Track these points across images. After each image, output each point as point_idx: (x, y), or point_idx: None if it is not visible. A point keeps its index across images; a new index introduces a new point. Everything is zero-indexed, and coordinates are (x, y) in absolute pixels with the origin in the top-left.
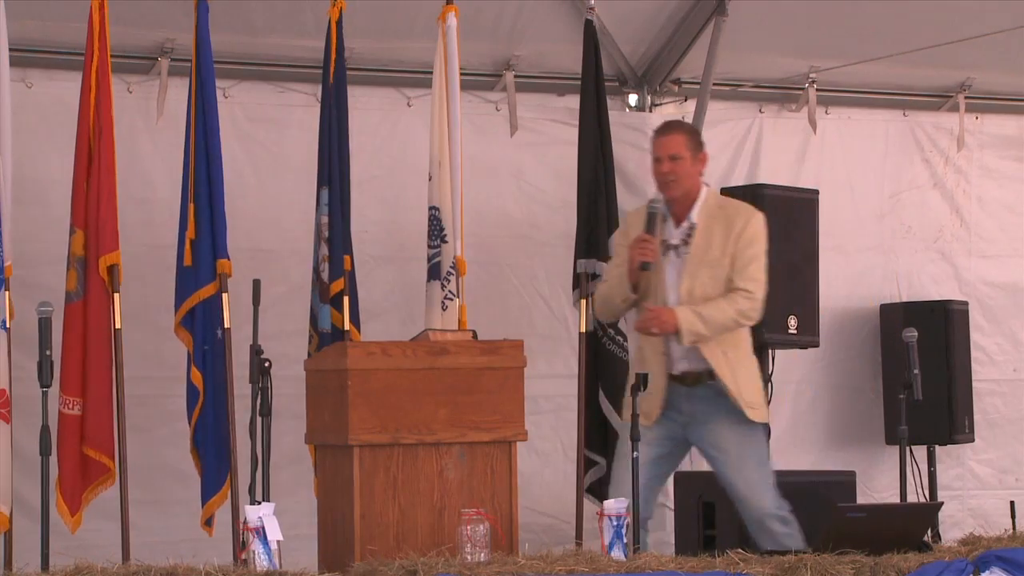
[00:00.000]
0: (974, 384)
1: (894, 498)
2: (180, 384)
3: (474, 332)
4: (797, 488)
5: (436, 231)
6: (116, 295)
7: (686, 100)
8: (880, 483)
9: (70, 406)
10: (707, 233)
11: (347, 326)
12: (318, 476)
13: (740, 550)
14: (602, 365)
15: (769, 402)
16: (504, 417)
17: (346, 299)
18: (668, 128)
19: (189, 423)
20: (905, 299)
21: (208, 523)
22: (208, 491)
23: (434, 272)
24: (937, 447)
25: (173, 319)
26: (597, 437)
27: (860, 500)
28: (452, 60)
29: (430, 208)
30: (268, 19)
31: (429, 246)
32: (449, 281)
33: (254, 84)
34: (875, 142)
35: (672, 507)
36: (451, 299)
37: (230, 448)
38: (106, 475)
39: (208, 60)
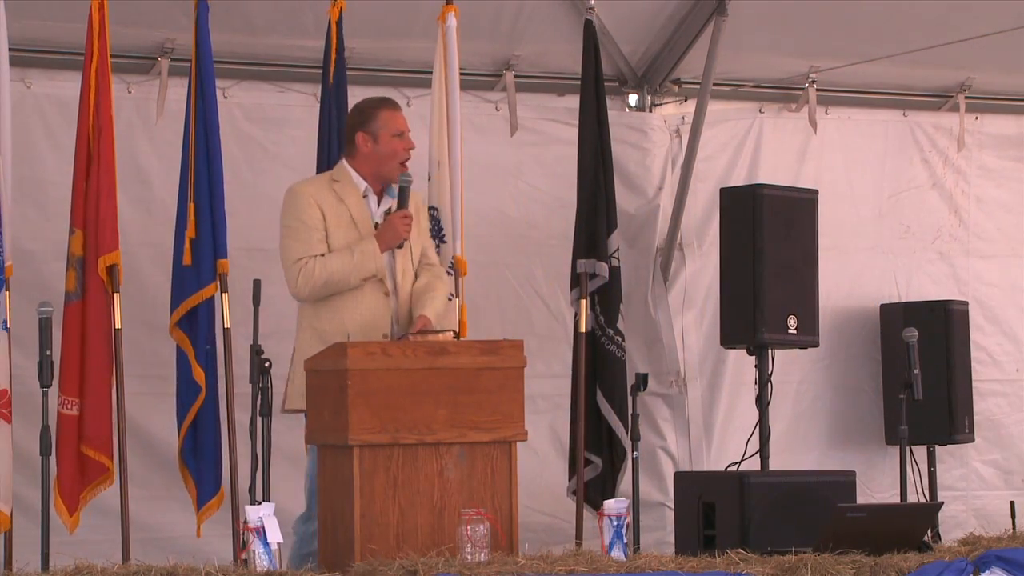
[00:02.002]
0: (977, 385)
1: (894, 498)
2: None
3: (455, 333)
4: (797, 488)
5: (435, 231)
6: (116, 295)
7: (686, 100)
8: (880, 483)
9: (68, 406)
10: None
11: None
12: (318, 476)
13: (740, 550)
14: (601, 365)
15: (769, 402)
16: (504, 417)
17: None
18: (397, 104)
19: (179, 430)
20: (905, 299)
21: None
22: (204, 496)
23: None
24: (941, 447)
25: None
26: (594, 437)
27: (860, 500)
28: (452, 60)
29: (429, 208)
30: (268, 19)
31: None
32: None
33: (254, 84)
34: (875, 142)
35: (672, 507)
36: (451, 299)
37: (230, 449)
38: (105, 475)
39: (208, 60)
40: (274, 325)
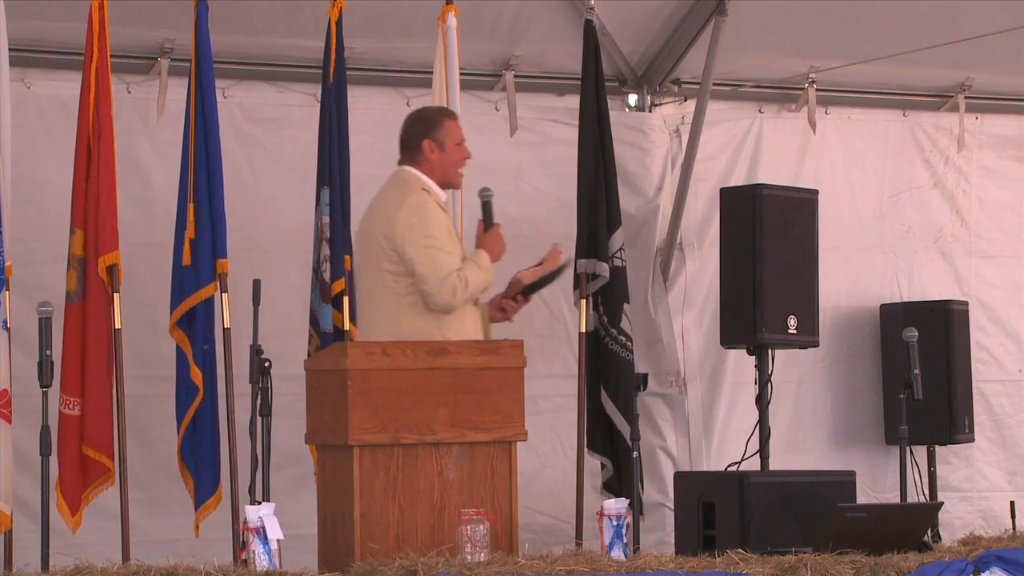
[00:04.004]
0: (980, 385)
1: (895, 498)
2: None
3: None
4: (797, 488)
5: None
6: (116, 295)
7: (686, 100)
8: (881, 483)
9: (70, 406)
10: None
11: (347, 326)
12: (318, 476)
13: (740, 550)
14: (605, 365)
15: (769, 402)
16: (504, 417)
17: (346, 299)
18: (456, 113)
19: (179, 428)
20: (905, 299)
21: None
22: (202, 496)
23: None
24: (946, 448)
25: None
26: (602, 438)
27: (860, 500)
28: (452, 60)
29: None
30: (268, 19)
31: None
32: None
33: (253, 84)
34: (875, 142)
35: (672, 507)
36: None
37: (230, 449)
38: (106, 475)
39: (208, 60)
40: (274, 325)
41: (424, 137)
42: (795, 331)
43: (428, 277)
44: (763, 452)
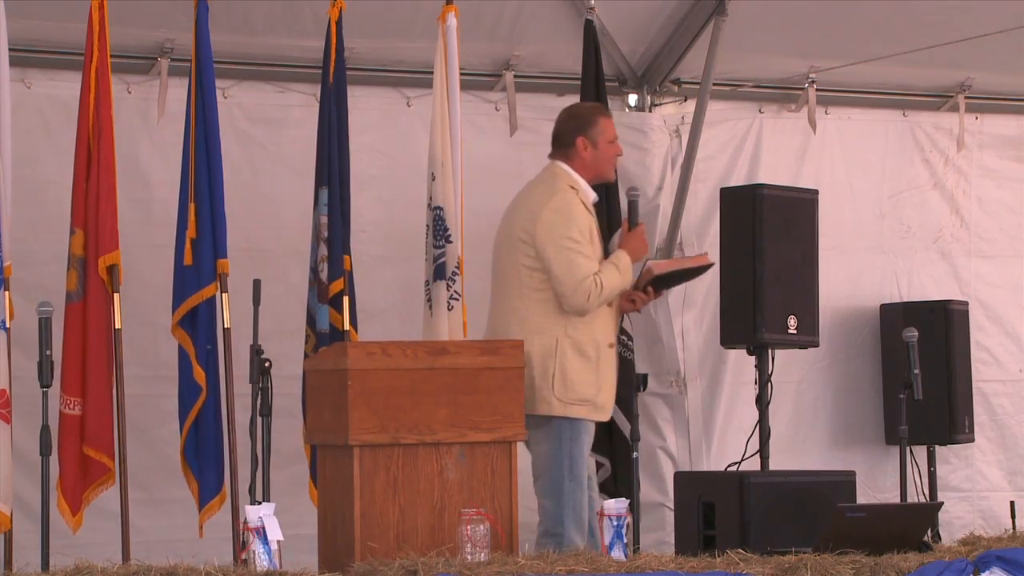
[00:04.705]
0: (981, 386)
1: (895, 498)
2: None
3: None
4: (797, 488)
5: (441, 231)
6: (116, 295)
7: (686, 100)
8: (881, 483)
9: (71, 406)
10: None
11: (347, 326)
12: (318, 476)
13: (740, 550)
14: None
15: (769, 402)
16: (504, 417)
17: (346, 299)
18: (610, 110)
19: (181, 428)
20: (905, 299)
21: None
22: (206, 496)
23: (439, 272)
24: (947, 448)
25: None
26: (601, 438)
27: (860, 500)
28: (452, 60)
29: (435, 208)
30: (268, 19)
31: (434, 246)
32: (455, 281)
33: (254, 84)
34: (875, 142)
35: (672, 507)
36: (456, 299)
37: (230, 449)
38: (106, 475)
39: (208, 60)
40: (274, 325)
41: (578, 134)
42: (795, 331)
43: (564, 279)
44: (763, 452)
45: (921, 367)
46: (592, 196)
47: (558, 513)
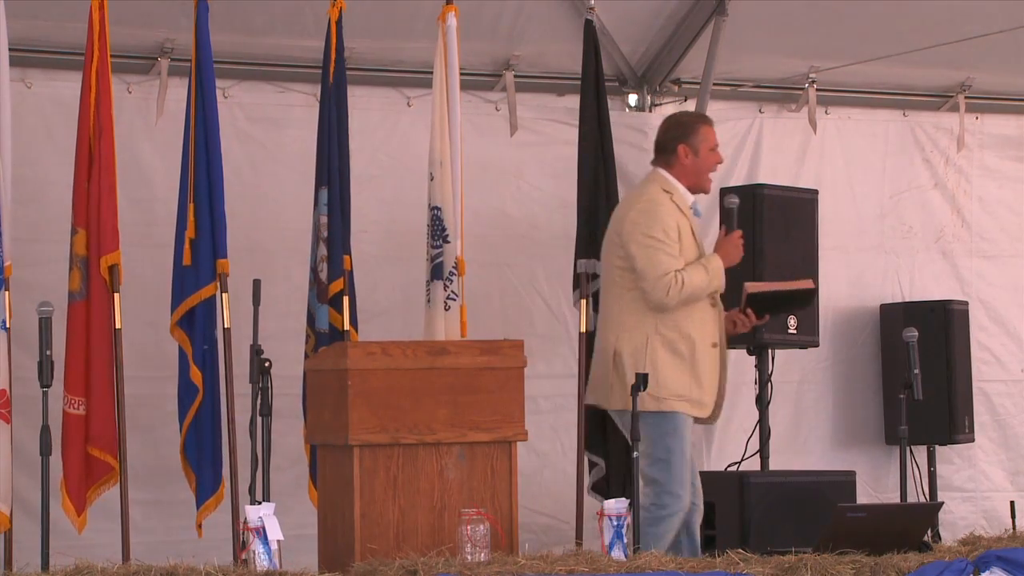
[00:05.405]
0: (982, 386)
1: (895, 498)
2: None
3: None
4: (797, 488)
5: (439, 231)
6: (116, 295)
7: (686, 100)
8: (881, 483)
9: (75, 405)
10: None
11: (347, 326)
12: (318, 476)
13: (740, 550)
14: None
15: (769, 402)
16: (504, 417)
17: (346, 299)
18: (712, 120)
19: (181, 427)
20: (906, 299)
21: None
22: (203, 495)
23: (437, 272)
24: (949, 448)
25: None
26: (596, 438)
27: (861, 500)
28: (452, 60)
29: (433, 208)
30: (268, 19)
31: (432, 246)
32: (452, 281)
33: (254, 84)
34: (875, 142)
35: None
36: (454, 299)
37: (230, 449)
38: (110, 474)
39: (208, 60)
40: (275, 325)
41: (680, 141)
42: (795, 331)
43: (646, 274)
44: (763, 452)
45: (921, 367)
46: (690, 200)
47: (658, 492)
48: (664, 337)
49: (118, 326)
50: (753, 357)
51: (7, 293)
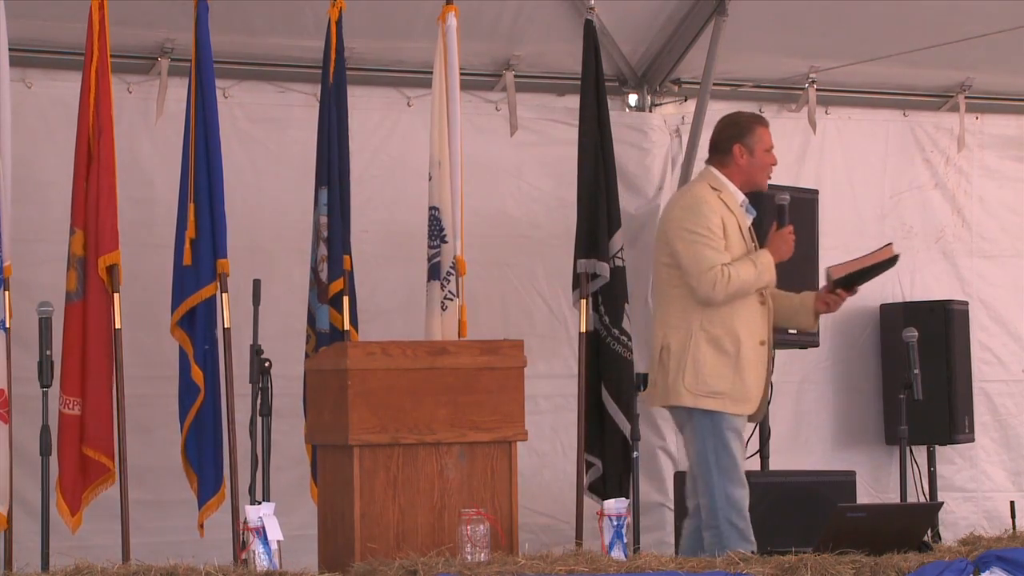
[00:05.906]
0: (983, 386)
1: (895, 498)
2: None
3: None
4: (797, 488)
5: (436, 231)
6: (116, 295)
7: (686, 100)
8: (881, 483)
9: (70, 406)
10: None
11: (347, 326)
12: (318, 476)
13: (740, 550)
14: (606, 365)
15: (769, 402)
16: (504, 417)
17: (346, 299)
18: (767, 121)
19: (182, 426)
20: (907, 299)
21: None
22: (204, 495)
23: (434, 272)
24: (950, 448)
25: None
26: (594, 438)
27: (861, 500)
28: (452, 60)
29: (430, 208)
30: (268, 19)
31: (429, 246)
32: (449, 281)
33: (254, 84)
34: (875, 142)
35: (672, 507)
36: (451, 299)
37: (230, 449)
38: (106, 475)
39: (208, 60)
40: (275, 325)
41: (735, 141)
42: (795, 331)
43: (691, 269)
44: (763, 452)
45: (921, 367)
46: (740, 198)
47: (712, 506)
48: (709, 334)
49: (118, 326)
50: None
51: (7, 293)
